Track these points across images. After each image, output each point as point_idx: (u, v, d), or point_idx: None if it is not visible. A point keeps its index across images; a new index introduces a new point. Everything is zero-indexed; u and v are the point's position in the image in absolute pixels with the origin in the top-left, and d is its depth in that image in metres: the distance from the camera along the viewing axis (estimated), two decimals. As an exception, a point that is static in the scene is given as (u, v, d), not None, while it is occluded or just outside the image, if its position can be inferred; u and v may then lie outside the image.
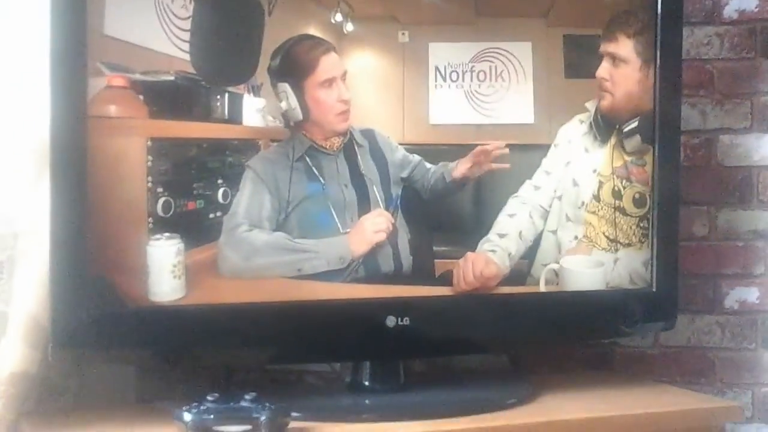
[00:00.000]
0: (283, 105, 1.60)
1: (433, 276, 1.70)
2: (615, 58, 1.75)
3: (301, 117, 1.61)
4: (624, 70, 1.76)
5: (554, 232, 1.77)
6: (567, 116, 1.77)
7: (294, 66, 1.60)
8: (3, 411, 1.50)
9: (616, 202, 1.79)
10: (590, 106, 1.78)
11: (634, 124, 1.77)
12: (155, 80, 1.51)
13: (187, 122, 1.55)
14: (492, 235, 1.71)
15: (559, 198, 1.77)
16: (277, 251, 1.58)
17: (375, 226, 1.65)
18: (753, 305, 2.02)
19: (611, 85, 1.76)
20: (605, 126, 1.77)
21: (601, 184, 1.79)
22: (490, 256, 1.69)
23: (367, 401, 1.61)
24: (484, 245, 1.70)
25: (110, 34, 1.47)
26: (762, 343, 2.01)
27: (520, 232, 1.74)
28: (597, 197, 1.78)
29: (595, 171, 1.78)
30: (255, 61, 1.57)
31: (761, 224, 2.02)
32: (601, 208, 1.78)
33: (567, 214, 1.77)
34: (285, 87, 1.60)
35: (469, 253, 1.68)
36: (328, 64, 1.62)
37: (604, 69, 1.75)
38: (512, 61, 1.73)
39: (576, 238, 1.76)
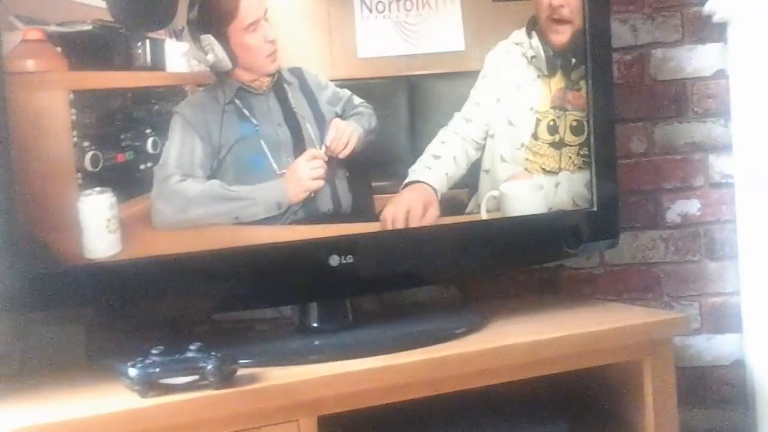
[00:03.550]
0: (210, 57, 1.56)
1: (373, 212, 1.68)
2: None
3: (230, 66, 1.57)
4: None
5: (488, 171, 1.76)
6: (499, 40, 1.75)
7: (214, 14, 1.56)
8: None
9: (555, 136, 1.78)
10: (520, 36, 1.76)
11: (571, 56, 1.76)
12: (72, 31, 1.46)
13: (109, 72, 1.50)
14: (426, 156, 1.70)
15: (492, 137, 1.76)
16: (212, 201, 1.56)
17: (312, 172, 1.62)
18: (695, 217, 2.03)
19: (569, 12, 1.74)
20: (543, 53, 1.76)
21: (538, 121, 1.78)
22: (423, 177, 1.67)
23: (316, 342, 1.60)
24: (417, 164, 1.69)
25: (20, -15, 1.42)
26: (706, 254, 2.03)
27: (454, 157, 1.72)
28: (535, 136, 1.77)
29: (531, 109, 1.77)
30: (174, 4, 1.53)
31: (698, 136, 2.02)
32: (540, 146, 1.78)
33: (502, 155, 1.76)
34: (209, 39, 1.56)
35: (401, 190, 1.66)
36: (249, 6, 1.58)
37: None
38: (438, -13, 1.71)
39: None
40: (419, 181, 1.69)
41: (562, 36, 1.77)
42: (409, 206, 1.67)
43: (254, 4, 1.58)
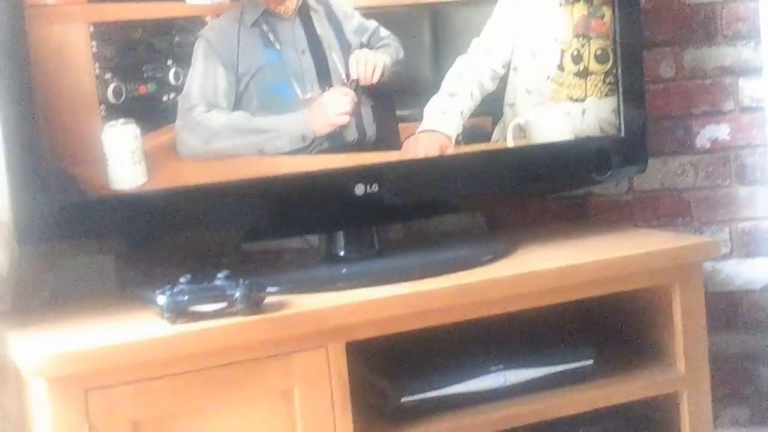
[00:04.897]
0: None
1: (398, 141, 1.67)
2: None
3: None
4: None
5: (512, 105, 1.74)
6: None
7: None
8: (-22, 313, 1.50)
9: (579, 66, 1.76)
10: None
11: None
12: (91, -38, 1.46)
13: (129, 3, 1.50)
14: (441, 96, 1.68)
15: (515, 70, 1.74)
16: (237, 132, 1.56)
17: (338, 107, 1.61)
18: (724, 142, 2.01)
19: None
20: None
21: (562, 52, 1.75)
22: (436, 125, 1.66)
23: (343, 270, 1.61)
24: (433, 105, 1.68)
25: None
26: (736, 179, 2.01)
27: (471, 91, 1.71)
28: (561, 67, 1.75)
29: (555, 40, 1.74)
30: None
31: (727, 60, 1.99)
32: (565, 77, 1.75)
33: (526, 88, 1.74)
34: None
35: (418, 133, 1.66)
36: None
37: None
38: None
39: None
40: (433, 130, 1.68)
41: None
42: (426, 153, 1.66)
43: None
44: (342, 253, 1.66)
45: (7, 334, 1.44)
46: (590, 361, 1.63)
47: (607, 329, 1.75)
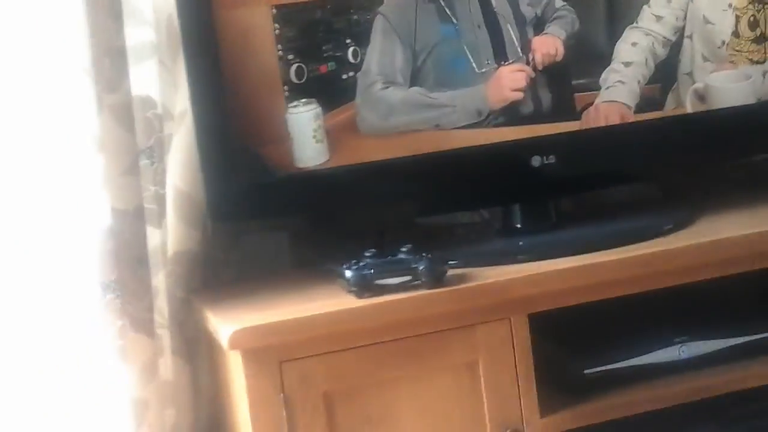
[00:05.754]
0: None
1: (574, 111, 1.66)
2: None
3: None
4: None
5: (689, 74, 1.70)
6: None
7: None
8: (173, 289, 1.56)
9: (757, 31, 1.70)
10: None
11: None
12: (273, -54, 1.50)
13: (309, -16, 1.54)
14: (616, 65, 1.66)
15: (690, 37, 1.69)
16: (414, 108, 1.57)
17: (514, 83, 1.61)
18: None
19: None
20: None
21: (738, 18, 1.69)
22: (615, 95, 1.64)
23: (521, 243, 1.61)
24: (610, 75, 1.65)
25: None
26: None
27: (646, 60, 1.67)
28: (736, 33, 1.69)
29: (730, 5, 1.69)
30: None
31: None
32: (743, 44, 1.69)
33: (703, 54, 1.69)
34: None
35: (598, 104, 1.64)
36: None
37: None
38: None
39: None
40: (614, 100, 1.65)
41: None
42: (607, 123, 1.64)
43: None
44: (518, 226, 1.65)
45: (202, 310, 1.50)
46: (776, 333, 1.58)
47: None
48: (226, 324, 1.38)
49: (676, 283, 1.52)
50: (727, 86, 1.70)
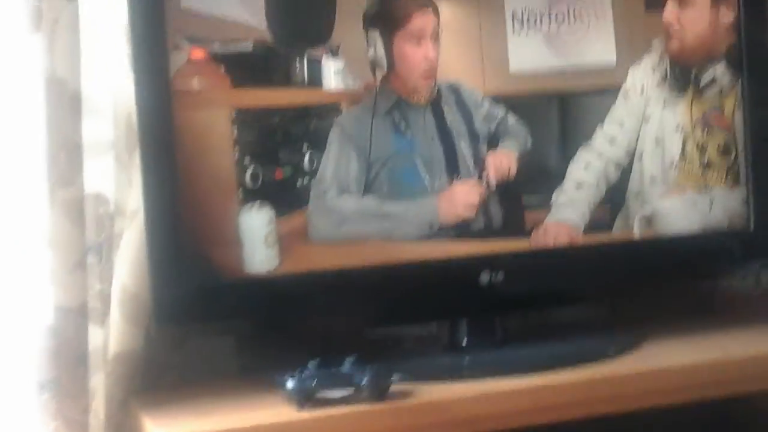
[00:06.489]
0: (371, 52, 1.58)
1: (524, 228, 1.67)
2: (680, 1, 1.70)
3: (385, 67, 1.59)
4: (691, 13, 1.70)
5: (637, 194, 1.73)
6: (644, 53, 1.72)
7: (387, 16, 1.59)
8: (112, 390, 1.52)
9: (703, 157, 1.74)
10: (657, 46, 1.72)
11: (711, 75, 1.73)
12: (234, 50, 1.51)
13: (269, 90, 1.54)
14: (568, 185, 1.69)
15: (639, 158, 1.73)
16: (367, 218, 1.58)
17: (467, 199, 1.63)
18: None
19: (679, 29, 1.71)
20: (681, 73, 1.72)
21: (685, 140, 1.74)
22: (566, 216, 1.67)
23: (466, 359, 1.60)
24: (561, 195, 1.68)
25: (187, 7, 1.47)
26: None
27: (597, 182, 1.71)
28: (683, 156, 1.74)
29: (678, 126, 1.73)
30: (331, 21, 1.56)
31: None
32: (690, 167, 1.74)
33: (652, 175, 1.73)
34: (375, 34, 1.58)
35: (548, 223, 1.67)
36: (420, 22, 1.60)
37: (670, 12, 1.70)
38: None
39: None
40: (564, 220, 1.68)
41: (671, 46, 1.73)
42: (555, 243, 1.67)
43: (426, 23, 1.60)
44: (465, 342, 1.65)
45: (139, 415, 1.46)
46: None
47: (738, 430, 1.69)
48: (162, 430, 1.34)
49: (620, 409, 1.51)
50: (675, 213, 1.74)
